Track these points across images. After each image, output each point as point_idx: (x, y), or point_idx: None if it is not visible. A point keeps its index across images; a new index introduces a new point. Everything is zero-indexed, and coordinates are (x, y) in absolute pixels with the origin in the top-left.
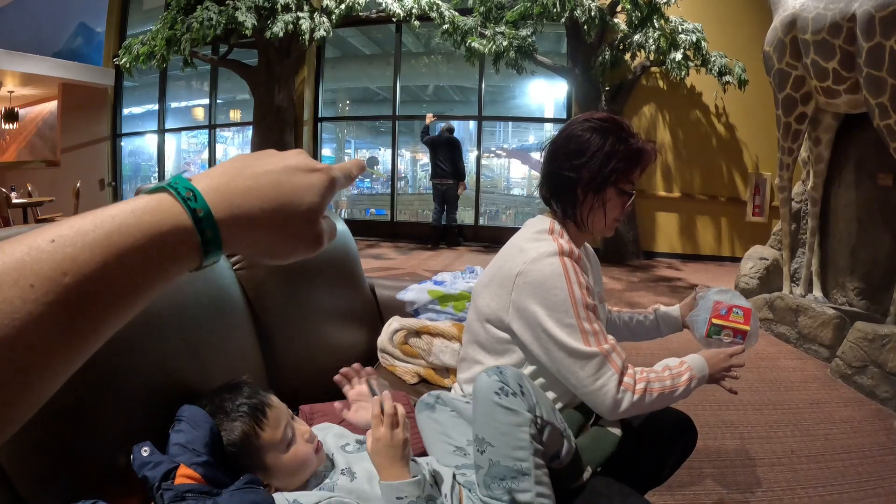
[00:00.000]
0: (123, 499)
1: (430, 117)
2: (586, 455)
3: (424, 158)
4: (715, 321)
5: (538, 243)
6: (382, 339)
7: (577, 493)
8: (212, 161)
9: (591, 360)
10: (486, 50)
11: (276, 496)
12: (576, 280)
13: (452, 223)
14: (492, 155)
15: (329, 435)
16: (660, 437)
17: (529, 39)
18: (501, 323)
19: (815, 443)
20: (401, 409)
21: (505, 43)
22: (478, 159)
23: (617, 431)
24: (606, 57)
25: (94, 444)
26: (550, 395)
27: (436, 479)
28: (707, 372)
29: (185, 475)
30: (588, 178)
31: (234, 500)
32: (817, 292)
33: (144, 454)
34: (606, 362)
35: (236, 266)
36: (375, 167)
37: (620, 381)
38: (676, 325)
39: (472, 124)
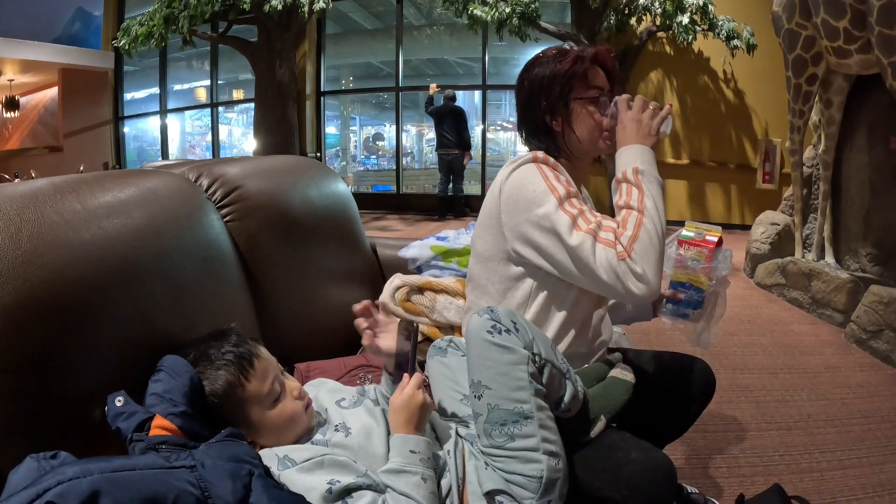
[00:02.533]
0: (99, 453)
1: (433, 87)
2: (598, 404)
3: (430, 133)
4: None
5: (514, 162)
6: (384, 297)
7: (590, 447)
8: (215, 143)
9: (585, 245)
10: (489, 17)
11: (265, 451)
12: (553, 176)
13: (459, 193)
14: (498, 128)
15: (322, 390)
16: (675, 384)
17: (533, 6)
18: (504, 254)
19: (832, 407)
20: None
21: (507, 9)
22: (483, 133)
23: (630, 378)
24: (612, 21)
25: (64, 395)
26: (563, 315)
27: (437, 435)
28: (641, 145)
29: (161, 426)
30: (546, 106)
31: (212, 452)
32: (829, 258)
33: (118, 404)
34: (598, 243)
35: (227, 217)
36: (380, 143)
37: (619, 255)
38: (647, 311)
39: (478, 95)
